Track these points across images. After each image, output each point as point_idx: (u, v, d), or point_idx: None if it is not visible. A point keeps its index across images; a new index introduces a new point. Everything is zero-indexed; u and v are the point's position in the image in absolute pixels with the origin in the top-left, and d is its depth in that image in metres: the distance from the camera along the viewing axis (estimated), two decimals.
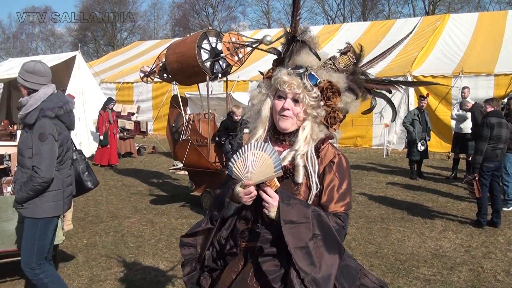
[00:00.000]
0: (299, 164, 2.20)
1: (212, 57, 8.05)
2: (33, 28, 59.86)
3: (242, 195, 2.18)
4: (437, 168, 12.95)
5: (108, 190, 10.22)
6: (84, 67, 16.06)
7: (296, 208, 2.10)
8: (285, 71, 2.23)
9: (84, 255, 6.10)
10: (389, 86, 2.40)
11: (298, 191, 2.22)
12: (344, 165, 2.28)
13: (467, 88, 11.30)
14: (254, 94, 2.43)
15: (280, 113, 2.25)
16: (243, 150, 2.18)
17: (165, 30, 57.47)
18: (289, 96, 2.22)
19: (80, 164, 4.58)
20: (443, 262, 5.84)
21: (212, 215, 2.33)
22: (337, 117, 2.28)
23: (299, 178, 2.20)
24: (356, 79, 2.35)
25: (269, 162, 2.11)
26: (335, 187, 2.23)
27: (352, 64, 2.36)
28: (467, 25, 19.26)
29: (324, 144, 2.28)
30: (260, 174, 2.12)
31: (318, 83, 2.23)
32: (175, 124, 9.19)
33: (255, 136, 2.35)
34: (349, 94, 2.33)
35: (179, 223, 7.51)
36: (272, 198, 2.13)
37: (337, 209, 2.22)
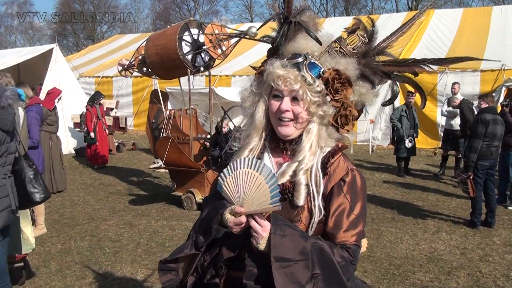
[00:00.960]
0: (300, 182, 1.77)
1: (193, 49, 7.63)
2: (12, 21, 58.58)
3: (232, 225, 1.77)
4: (424, 164, 12.72)
5: (85, 189, 9.75)
6: (61, 60, 15.54)
7: (292, 241, 1.68)
8: (278, 63, 1.79)
9: (58, 262, 5.66)
10: (415, 67, 1.91)
11: (298, 217, 1.79)
12: (358, 185, 1.85)
13: (457, 83, 11.03)
14: (244, 95, 1.98)
15: (277, 116, 1.82)
16: (235, 165, 1.75)
17: (146, 23, 56.63)
18: (287, 94, 1.79)
19: (27, 172, 4.02)
20: (440, 266, 5.54)
21: (198, 240, 1.90)
22: (349, 114, 1.82)
23: (299, 200, 1.77)
24: (371, 63, 1.88)
25: (265, 189, 1.68)
26: (344, 211, 1.79)
27: (364, 44, 1.90)
28: (452, 20, 19.09)
29: (335, 157, 1.85)
30: (254, 202, 1.70)
31: (321, 74, 1.79)
32: (155, 120, 8.76)
33: (249, 146, 1.93)
34: (363, 82, 1.87)
35: (159, 226, 7.10)
36: (262, 227, 1.71)
37: (346, 239, 1.79)
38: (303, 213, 1.79)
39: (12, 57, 16.49)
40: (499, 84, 13.89)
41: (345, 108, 1.81)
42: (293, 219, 1.78)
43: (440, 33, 18.23)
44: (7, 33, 59.45)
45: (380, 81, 1.93)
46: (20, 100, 5.71)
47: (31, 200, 4.06)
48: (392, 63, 1.92)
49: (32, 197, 4.03)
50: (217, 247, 1.89)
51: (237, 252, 1.84)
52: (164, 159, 7.96)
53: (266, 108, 1.89)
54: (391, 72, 1.92)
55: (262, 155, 1.93)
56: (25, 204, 4.08)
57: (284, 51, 1.88)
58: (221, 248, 1.88)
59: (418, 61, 1.91)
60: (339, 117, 1.82)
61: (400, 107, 11.37)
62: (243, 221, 1.73)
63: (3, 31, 59.32)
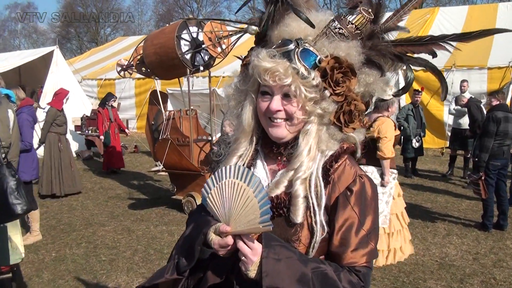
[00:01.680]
0: (298, 194, 1.47)
1: (192, 48, 7.38)
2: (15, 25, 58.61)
3: (217, 247, 1.48)
4: (431, 165, 12.42)
5: (84, 193, 9.50)
6: (62, 63, 15.34)
7: (288, 266, 1.38)
8: (265, 53, 1.47)
9: (51, 272, 5.42)
10: (432, 45, 1.55)
11: (295, 236, 1.49)
12: (368, 194, 1.53)
13: (466, 81, 10.75)
14: (228, 92, 1.68)
15: (267, 116, 1.53)
16: (220, 174, 1.47)
17: (149, 26, 56.44)
18: (277, 90, 1.49)
19: (9, 182, 3.72)
20: (451, 273, 5.26)
21: (180, 263, 1.59)
22: (354, 110, 1.51)
23: (297, 217, 1.46)
24: (378, 44, 1.54)
25: (253, 203, 1.39)
26: (352, 227, 1.49)
27: (369, 21, 1.55)
28: (457, 18, 18.77)
29: (339, 161, 1.54)
30: (241, 219, 1.42)
31: (318, 63, 1.47)
32: (154, 121, 8.51)
33: (237, 152, 1.64)
34: (370, 69, 1.54)
35: (158, 231, 6.84)
36: (252, 250, 1.41)
37: (355, 261, 1.48)
38: (302, 231, 1.49)
39: (13, 59, 16.34)
40: (507, 81, 13.58)
41: (349, 103, 1.51)
42: (290, 239, 1.49)
43: (445, 30, 17.87)
44: (11, 37, 59.50)
45: (392, 65, 1.60)
46: (11, 102, 5.48)
47: (12, 212, 3.77)
48: (404, 42, 1.57)
49: (13, 209, 3.75)
50: (202, 271, 1.61)
51: (224, 277, 1.55)
52: (163, 161, 7.70)
53: (255, 107, 1.59)
54: (404, 54, 1.57)
55: (255, 162, 1.65)
56: (5, 217, 3.81)
57: (272, 36, 1.56)
58: (206, 272, 1.59)
59: (436, 38, 1.55)
60: (342, 114, 1.51)
61: (407, 106, 11.07)
62: (229, 242, 1.44)
63: (7, 35, 59.40)
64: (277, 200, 1.51)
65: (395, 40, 1.58)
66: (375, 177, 5.38)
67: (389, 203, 5.40)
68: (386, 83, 1.59)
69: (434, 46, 1.55)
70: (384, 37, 1.57)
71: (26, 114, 6.06)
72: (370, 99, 1.63)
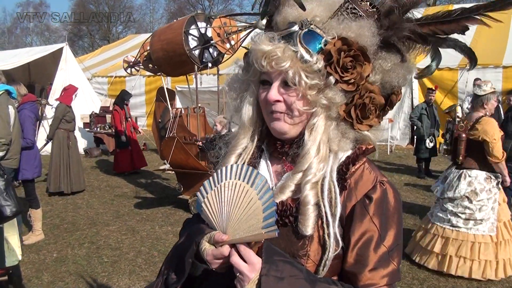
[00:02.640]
0: (307, 201, 1.24)
1: (201, 44, 7.18)
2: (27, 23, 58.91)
3: (210, 259, 1.25)
4: (445, 165, 12.10)
5: (90, 192, 9.35)
6: (72, 60, 15.27)
7: (292, 287, 1.15)
8: (265, 37, 1.28)
9: (51, 273, 5.25)
10: (465, 21, 1.28)
11: (303, 251, 1.26)
12: (391, 204, 1.30)
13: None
14: (230, 83, 1.48)
15: (268, 110, 1.33)
16: (218, 176, 1.26)
17: (160, 23, 56.41)
18: (275, 78, 1.29)
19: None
20: (468, 281, 5.01)
21: (169, 279, 1.36)
22: (369, 103, 1.28)
23: (306, 228, 1.23)
24: (398, 23, 1.29)
25: (257, 206, 1.18)
26: (371, 242, 1.26)
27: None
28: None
29: (357, 164, 1.32)
30: (241, 225, 1.20)
31: (324, 45, 1.26)
32: (161, 119, 8.35)
33: (236, 150, 1.43)
34: (388, 53, 1.30)
35: (163, 232, 6.66)
36: (249, 265, 1.18)
37: (373, 282, 1.24)
38: (311, 245, 1.26)
39: (23, 56, 16.29)
40: None
41: (361, 95, 1.28)
42: (297, 254, 1.26)
43: None
44: (23, 35, 59.81)
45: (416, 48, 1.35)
46: (12, 98, 5.33)
47: (0, 215, 3.57)
48: (432, 20, 1.31)
49: (2, 211, 3.55)
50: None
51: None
52: (169, 160, 7.52)
53: (256, 99, 1.39)
54: (431, 35, 1.32)
55: (258, 162, 1.43)
56: None
57: (278, 21, 1.36)
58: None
59: (470, 10, 1.27)
60: (353, 108, 1.28)
61: (420, 105, 10.80)
62: (225, 253, 1.22)
63: (19, 33, 59.72)
64: (282, 207, 1.29)
65: (420, 18, 1.33)
66: (479, 181, 5.02)
67: (495, 209, 5.01)
68: (409, 70, 1.34)
69: (468, 21, 1.29)
70: (407, 15, 1.32)
71: (28, 110, 5.90)
72: (393, 92, 1.37)
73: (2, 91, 5.10)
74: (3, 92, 5.10)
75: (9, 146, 5.14)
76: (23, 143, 5.64)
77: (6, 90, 5.18)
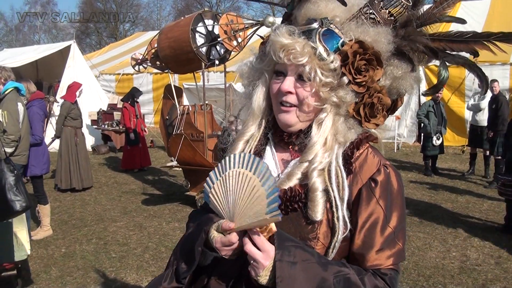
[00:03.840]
0: (316, 187, 1.30)
1: (208, 41, 7.21)
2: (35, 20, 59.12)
3: (219, 246, 1.30)
4: (452, 163, 12.11)
5: (98, 188, 9.43)
6: (79, 57, 15.35)
7: (306, 271, 1.20)
8: (285, 29, 1.33)
9: (59, 268, 5.31)
10: (475, 44, 1.37)
11: (313, 234, 1.31)
12: (394, 186, 1.36)
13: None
14: (242, 70, 1.54)
15: (278, 100, 1.38)
16: (223, 165, 1.31)
17: (168, 21, 56.45)
18: (291, 71, 1.34)
19: (7, 178, 3.58)
20: (473, 277, 5.02)
21: (179, 269, 1.41)
22: (377, 103, 1.34)
23: (316, 213, 1.29)
24: (412, 35, 1.37)
25: (260, 193, 1.22)
26: (377, 224, 1.32)
27: (406, 9, 1.37)
28: (479, 12, 18.35)
29: (361, 148, 1.38)
30: (246, 212, 1.25)
31: (340, 46, 1.32)
32: (168, 116, 8.38)
33: (244, 137, 1.49)
34: (400, 62, 1.37)
35: (170, 228, 6.71)
36: (263, 253, 1.22)
37: (380, 263, 1.31)
38: (320, 229, 1.32)
39: (30, 54, 16.39)
40: None
41: (370, 95, 1.34)
42: (307, 237, 1.32)
43: (467, 25, 16.79)
44: (31, 32, 60.02)
45: (424, 61, 1.43)
46: (21, 95, 5.39)
47: (10, 209, 3.64)
48: (443, 37, 1.40)
49: (12, 206, 3.62)
50: (205, 278, 1.44)
51: (230, 285, 1.38)
52: (176, 157, 7.56)
53: (268, 89, 1.45)
54: (441, 50, 1.40)
55: (263, 149, 1.49)
56: (4, 214, 3.67)
57: (298, 15, 1.42)
58: (209, 279, 1.43)
59: (481, 36, 1.37)
60: (362, 107, 1.34)
61: (427, 102, 10.76)
62: (233, 240, 1.28)
63: (27, 30, 59.93)
64: (291, 193, 1.34)
65: (433, 33, 1.41)
66: None
67: None
68: (417, 80, 1.42)
69: (477, 45, 1.38)
70: (422, 29, 1.40)
71: (36, 107, 5.96)
72: (397, 97, 1.45)
73: (11, 88, 5.16)
74: (12, 90, 5.16)
75: (18, 142, 5.20)
76: (32, 140, 5.70)
77: (15, 87, 5.24)
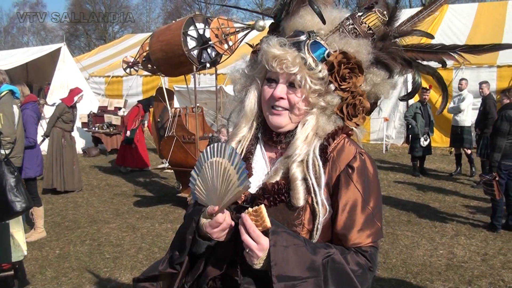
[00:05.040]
0: (295, 177, 1.45)
1: (199, 45, 7.32)
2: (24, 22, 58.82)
3: (209, 230, 1.45)
4: (439, 164, 12.30)
5: (90, 190, 9.49)
6: (70, 60, 15.37)
7: (297, 254, 1.35)
8: (276, 41, 1.48)
9: (54, 269, 5.38)
10: (443, 55, 1.59)
11: (298, 220, 1.46)
12: (370, 171, 1.52)
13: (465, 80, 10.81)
14: (235, 77, 1.68)
15: (270, 104, 1.52)
16: (200, 161, 1.47)
17: (157, 23, 56.41)
18: (283, 78, 1.49)
19: (8, 179, 3.66)
20: (459, 274, 5.16)
21: (173, 256, 1.58)
22: (359, 104, 1.51)
23: (298, 200, 1.44)
24: (389, 46, 1.56)
25: (231, 171, 1.39)
26: (357, 206, 1.47)
27: (383, 23, 1.57)
28: (466, 15, 18.62)
29: (336, 138, 1.52)
30: (226, 193, 1.40)
31: (326, 56, 1.48)
32: (160, 119, 8.47)
33: (236, 137, 1.64)
34: (378, 70, 1.56)
35: (163, 229, 6.79)
36: (258, 245, 1.37)
37: (360, 241, 1.46)
38: (304, 215, 1.46)
39: (21, 56, 16.38)
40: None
41: (353, 97, 1.50)
42: (293, 223, 1.46)
43: (455, 28, 17.76)
44: (20, 34, 59.71)
45: (401, 70, 1.61)
46: (15, 98, 5.45)
47: (11, 210, 3.72)
48: (415, 48, 1.60)
49: (12, 207, 3.70)
50: (200, 266, 1.57)
51: (224, 268, 1.52)
52: (168, 159, 7.65)
53: (259, 94, 1.59)
54: (414, 60, 1.60)
55: (254, 149, 1.64)
56: (5, 215, 3.74)
57: (286, 27, 1.60)
58: (205, 266, 1.56)
59: (448, 48, 1.58)
60: (345, 106, 1.51)
61: (415, 104, 10.96)
62: (219, 220, 1.43)
63: (15, 32, 59.61)
64: (277, 186, 1.49)
65: (407, 45, 1.61)
66: None
67: None
68: (393, 86, 1.60)
69: (445, 56, 1.59)
70: (396, 41, 1.60)
71: (30, 110, 6.02)
72: (375, 100, 1.63)
73: (6, 91, 5.22)
74: (7, 92, 5.23)
75: (13, 144, 5.27)
76: (26, 143, 5.76)
77: (10, 90, 5.30)
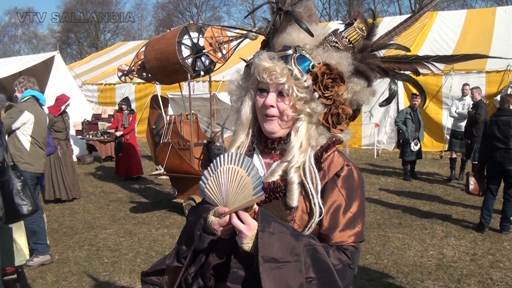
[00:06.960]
0: (293, 181, 1.62)
1: (193, 53, 7.48)
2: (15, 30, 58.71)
3: (217, 227, 1.61)
4: (430, 168, 12.50)
5: (86, 197, 9.59)
6: (63, 68, 15.45)
7: (281, 240, 1.51)
8: (266, 55, 1.65)
9: (54, 273, 5.50)
10: (417, 65, 1.77)
11: (290, 217, 1.63)
12: (355, 180, 1.69)
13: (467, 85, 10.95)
14: (231, 88, 1.85)
15: (263, 112, 1.69)
16: (215, 164, 1.63)
17: (149, 31, 56.61)
18: (272, 88, 1.66)
19: (14, 184, 3.79)
20: (449, 273, 5.34)
21: (180, 250, 1.73)
22: (342, 113, 1.68)
23: (292, 201, 1.61)
24: (367, 58, 1.74)
25: (247, 181, 1.55)
26: (340, 208, 1.64)
27: (362, 37, 1.76)
28: (456, 22, 18.87)
29: (328, 151, 1.70)
30: (238, 198, 1.57)
31: (311, 68, 1.66)
32: (155, 126, 8.61)
33: (235, 144, 1.79)
34: (358, 79, 1.73)
35: (160, 234, 6.93)
36: (246, 225, 1.54)
37: (342, 240, 1.62)
38: (296, 213, 1.64)
39: (14, 65, 16.41)
40: (505, 85, 13.66)
41: (336, 106, 1.69)
42: (285, 219, 1.63)
43: (444, 35, 18.01)
44: (11, 43, 59.54)
45: (377, 78, 1.80)
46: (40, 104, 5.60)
47: (18, 213, 3.85)
48: (392, 59, 1.79)
49: (19, 210, 3.84)
50: (202, 257, 1.73)
51: (225, 258, 1.67)
52: (164, 165, 7.79)
53: (253, 103, 1.76)
54: (390, 69, 1.78)
55: (252, 155, 1.80)
56: (12, 217, 3.86)
57: (275, 43, 1.77)
58: (207, 257, 1.72)
59: (421, 58, 1.77)
60: (330, 116, 1.69)
61: (405, 109, 11.16)
62: (228, 220, 1.59)
63: (7, 41, 59.43)
64: (274, 185, 1.65)
65: (384, 56, 1.79)
66: None
67: None
68: (372, 93, 1.77)
69: (418, 66, 1.77)
70: (375, 53, 1.78)
71: None
72: (357, 107, 1.79)
73: (29, 96, 5.33)
74: (29, 98, 5.33)
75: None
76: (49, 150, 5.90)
77: (32, 95, 5.42)
